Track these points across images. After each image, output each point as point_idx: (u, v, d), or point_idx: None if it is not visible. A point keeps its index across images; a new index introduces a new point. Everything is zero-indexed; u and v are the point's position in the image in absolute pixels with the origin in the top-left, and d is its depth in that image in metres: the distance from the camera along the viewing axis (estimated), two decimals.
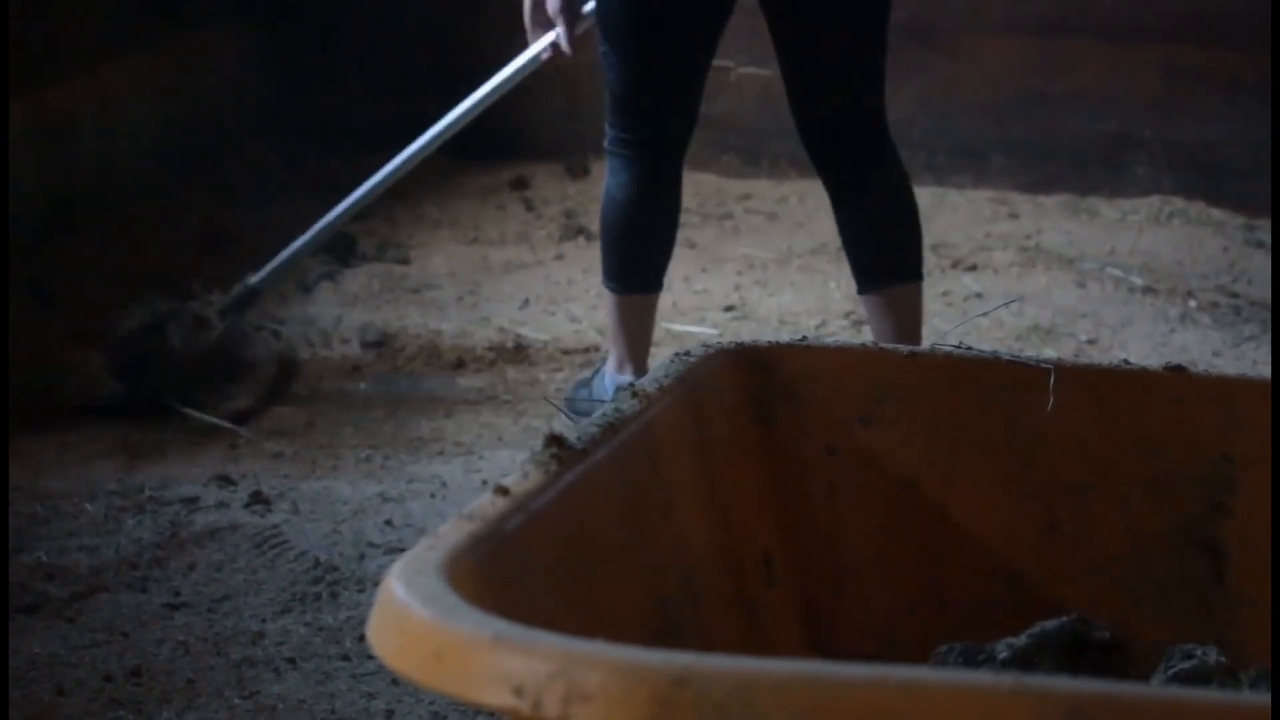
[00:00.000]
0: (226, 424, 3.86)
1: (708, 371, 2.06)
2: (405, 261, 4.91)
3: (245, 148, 5.48)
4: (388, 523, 3.38)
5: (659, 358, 2.63)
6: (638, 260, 3.66)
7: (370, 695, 2.78)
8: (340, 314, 4.53)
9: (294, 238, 4.14)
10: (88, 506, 3.43)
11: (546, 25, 3.69)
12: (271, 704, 2.75)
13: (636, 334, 3.70)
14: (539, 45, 3.74)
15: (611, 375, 3.73)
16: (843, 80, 3.49)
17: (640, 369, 3.66)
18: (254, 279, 4.10)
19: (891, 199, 3.56)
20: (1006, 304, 4.32)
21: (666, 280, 3.73)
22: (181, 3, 5.39)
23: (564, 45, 3.67)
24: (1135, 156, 5.42)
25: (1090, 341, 4.36)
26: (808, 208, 5.33)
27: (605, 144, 3.62)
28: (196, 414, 3.88)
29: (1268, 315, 4.52)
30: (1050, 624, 1.90)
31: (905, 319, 3.54)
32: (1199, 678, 1.83)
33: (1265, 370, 3.98)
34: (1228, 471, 2.08)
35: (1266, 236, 5.07)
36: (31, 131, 4.59)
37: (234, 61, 5.63)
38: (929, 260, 4.96)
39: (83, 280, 4.50)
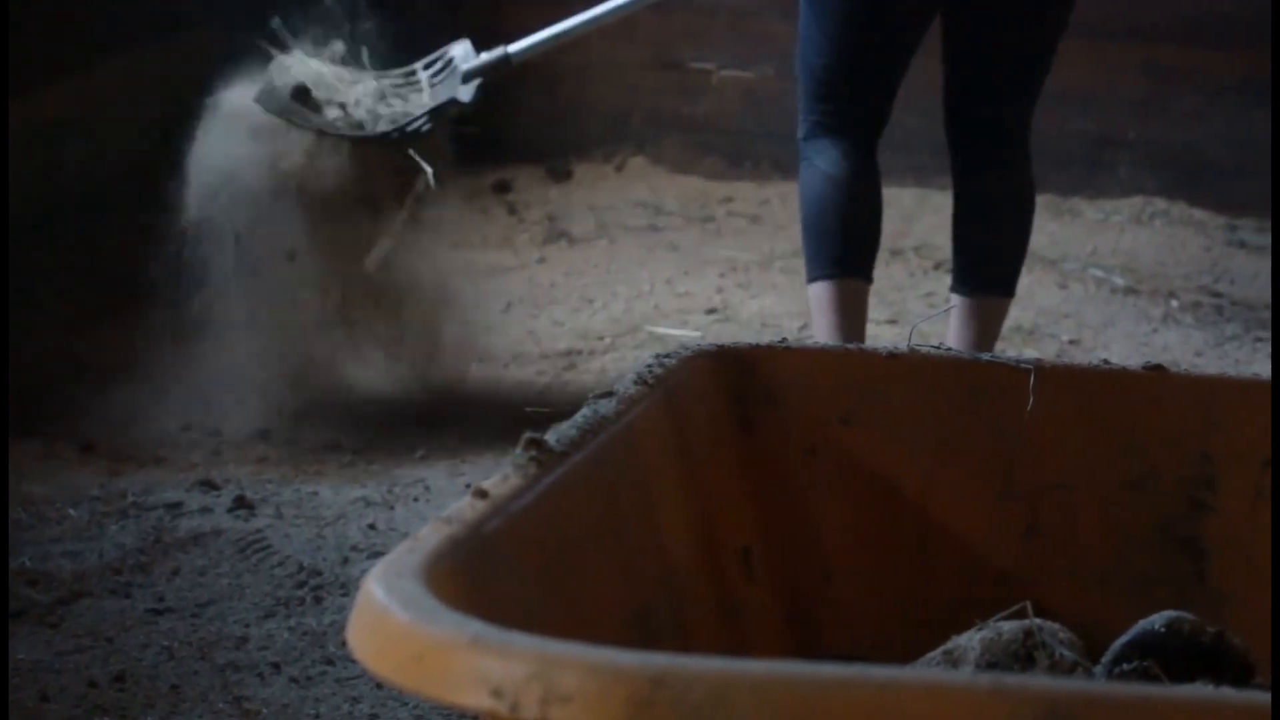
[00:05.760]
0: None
1: (688, 374, 2.06)
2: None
3: None
4: (371, 527, 3.38)
5: (642, 360, 2.63)
6: (853, 239, 3.49)
7: (354, 699, 2.78)
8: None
9: None
10: (71, 512, 3.42)
11: None
12: (256, 709, 2.75)
13: (855, 323, 3.48)
14: None
15: None
16: (1005, 85, 3.55)
17: None
18: (513, 48, 3.99)
19: (1015, 212, 3.60)
20: (945, 310, 4.31)
21: (649, 283, 3.73)
22: (171, 4, 5.37)
23: None
24: (1117, 157, 5.43)
25: (1073, 342, 4.37)
26: (790, 210, 5.32)
27: (801, 135, 3.56)
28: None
29: (1250, 315, 4.53)
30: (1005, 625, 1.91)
31: (988, 330, 3.57)
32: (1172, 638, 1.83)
33: (1247, 369, 3.98)
34: (1208, 470, 2.09)
35: (1248, 236, 5.08)
36: (19, 133, 4.58)
37: (222, 64, 5.61)
38: (911, 261, 4.97)
39: (67, 284, 4.49)
